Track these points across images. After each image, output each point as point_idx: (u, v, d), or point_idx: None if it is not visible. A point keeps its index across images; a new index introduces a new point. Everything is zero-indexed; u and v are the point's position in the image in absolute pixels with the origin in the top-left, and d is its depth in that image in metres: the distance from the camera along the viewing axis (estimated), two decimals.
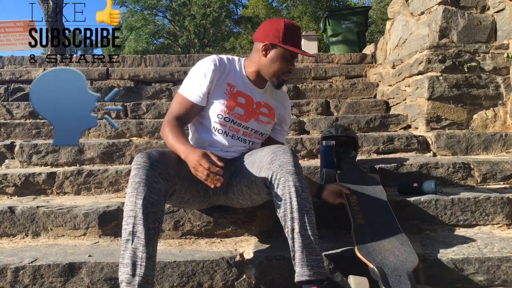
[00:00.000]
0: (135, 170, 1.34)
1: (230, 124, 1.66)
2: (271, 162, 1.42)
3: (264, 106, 1.73)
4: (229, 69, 1.68)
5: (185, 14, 23.43)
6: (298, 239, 1.35)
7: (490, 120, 2.85)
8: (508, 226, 1.88)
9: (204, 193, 1.62)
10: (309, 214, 1.38)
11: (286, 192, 1.37)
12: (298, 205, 1.36)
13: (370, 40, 12.17)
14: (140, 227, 1.27)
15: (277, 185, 1.39)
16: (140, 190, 1.30)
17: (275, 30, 1.60)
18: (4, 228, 1.82)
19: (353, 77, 4.56)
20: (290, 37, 1.60)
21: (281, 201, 1.38)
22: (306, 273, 1.32)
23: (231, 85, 1.67)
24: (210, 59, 1.66)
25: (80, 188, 2.22)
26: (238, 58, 1.75)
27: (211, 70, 1.63)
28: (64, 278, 1.50)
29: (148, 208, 1.29)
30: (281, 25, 1.60)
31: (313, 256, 1.35)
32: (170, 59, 4.84)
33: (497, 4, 2.88)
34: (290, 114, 1.91)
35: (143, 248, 1.25)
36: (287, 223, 1.37)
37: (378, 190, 1.85)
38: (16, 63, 4.81)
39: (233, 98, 1.66)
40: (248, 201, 1.62)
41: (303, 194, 1.38)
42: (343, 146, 2.24)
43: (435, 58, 2.84)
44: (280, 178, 1.39)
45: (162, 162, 1.38)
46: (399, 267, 1.37)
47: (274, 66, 1.64)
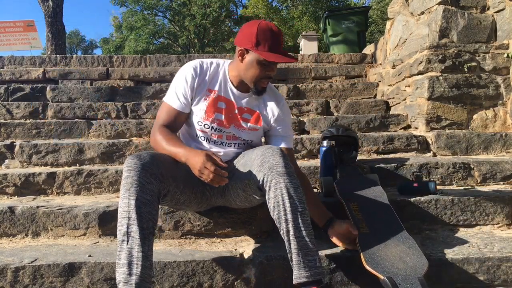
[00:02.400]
0: (127, 172, 1.34)
1: (212, 131, 1.64)
2: (261, 165, 1.42)
3: (247, 111, 1.67)
4: (211, 73, 1.64)
5: (185, 14, 23.43)
6: (293, 240, 1.34)
7: (490, 120, 2.85)
8: (508, 226, 1.88)
9: (202, 194, 1.62)
10: (303, 215, 1.37)
11: (278, 194, 1.37)
12: (291, 206, 1.35)
13: (370, 40, 12.19)
14: (135, 227, 1.27)
15: (269, 187, 1.39)
16: (132, 191, 1.30)
17: (249, 34, 1.52)
18: (4, 228, 1.82)
19: (353, 77, 4.56)
20: (264, 41, 1.50)
21: (274, 203, 1.38)
22: (304, 274, 1.32)
23: (211, 90, 1.64)
24: (191, 65, 1.64)
25: (80, 188, 2.22)
26: (224, 61, 1.69)
27: (191, 75, 1.61)
28: (64, 278, 1.50)
29: (142, 208, 1.29)
30: (254, 29, 1.51)
31: (309, 257, 1.34)
32: (170, 59, 4.85)
33: (497, 4, 2.88)
34: (289, 115, 1.77)
35: (138, 247, 1.25)
36: (282, 225, 1.37)
37: (378, 193, 1.84)
38: (16, 63, 4.80)
39: (213, 104, 1.62)
40: (246, 203, 1.63)
41: (295, 195, 1.37)
42: (344, 146, 2.24)
43: (435, 58, 2.84)
44: (272, 180, 1.38)
45: (154, 163, 1.38)
46: (410, 273, 1.35)
47: (250, 72, 1.56)
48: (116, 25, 29.74)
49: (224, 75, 1.66)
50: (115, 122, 3.04)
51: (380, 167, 2.28)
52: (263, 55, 1.51)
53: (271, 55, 1.51)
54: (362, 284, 1.51)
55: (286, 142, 1.72)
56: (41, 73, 4.41)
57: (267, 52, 1.51)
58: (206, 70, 1.64)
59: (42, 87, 3.74)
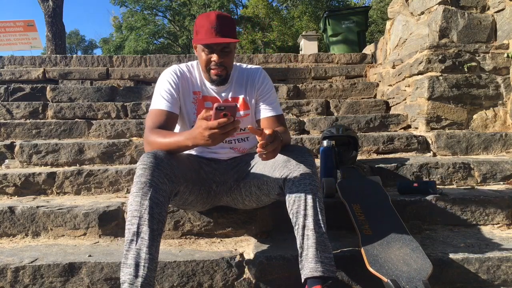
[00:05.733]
0: (141, 170, 1.33)
1: None
2: (288, 161, 1.44)
3: (232, 100, 1.69)
4: (190, 77, 1.67)
5: (185, 14, 23.41)
6: (312, 235, 1.35)
7: (490, 120, 2.85)
8: (508, 226, 1.88)
9: (207, 194, 1.62)
10: (322, 214, 1.39)
11: (302, 190, 1.38)
12: (313, 203, 1.37)
13: (370, 40, 12.17)
14: (145, 227, 1.27)
15: (293, 183, 1.40)
16: (145, 191, 1.30)
17: (195, 26, 1.57)
18: (4, 228, 1.82)
19: (353, 77, 4.56)
20: (201, 28, 1.52)
21: (295, 198, 1.39)
22: (320, 269, 1.32)
23: (196, 93, 1.67)
24: (172, 70, 1.65)
25: (80, 188, 2.22)
26: (196, 62, 1.71)
27: (175, 77, 1.62)
28: (64, 278, 1.50)
29: (154, 209, 1.29)
30: (196, 20, 1.58)
31: (327, 253, 1.36)
32: (170, 59, 4.85)
33: (497, 4, 2.88)
34: (269, 83, 1.73)
35: (146, 249, 1.25)
36: (299, 220, 1.38)
37: (381, 195, 1.83)
38: (16, 63, 4.81)
39: (201, 105, 1.65)
40: (254, 203, 1.63)
41: (318, 193, 1.40)
42: (344, 146, 2.24)
43: (435, 58, 2.84)
44: (297, 177, 1.40)
45: (168, 163, 1.38)
46: (414, 276, 1.34)
47: (200, 62, 1.61)
48: (116, 25, 29.72)
49: (200, 75, 1.68)
50: (115, 122, 3.04)
51: (380, 167, 2.28)
52: (198, 42, 1.53)
53: (204, 39, 1.51)
54: (362, 285, 1.51)
55: (275, 110, 1.70)
56: (41, 73, 4.41)
57: (202, 38, 1.52)
58: (185, 74, 1.66)
59: (42, 87, 3.74)
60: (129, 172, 2.21)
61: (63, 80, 4.44)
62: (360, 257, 1.46)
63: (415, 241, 1.52)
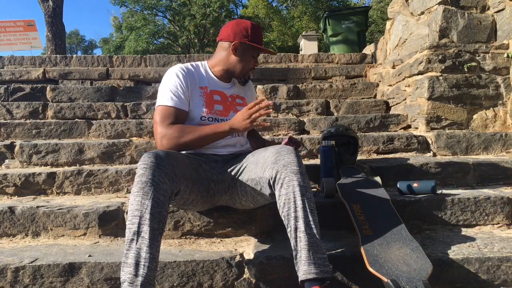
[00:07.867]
0: (142, 169, 1.34)
1: (214, 123, 1.70)
2: (275, 162, 1.44)
3: (237, 97, 1.84)
4: (197, 74, 1.76)
5: (185, 14, 23.40)
6: (304, 237, 1.34)
7: (490, 120, 2.85)
8: (508, 226, 1.88)
9: (206, 193, 1.62)
10: (313, 214, 1.38)
11: (290, 192, 1.38)
12: (302, 204, 1.36)
13: (370, 40, 12.18)
14: (146, 227, 1.27)
15: (281, 184, 1.40)
16: (146, 190, 1.30)
17: (244, 30, 1.73)
18: (4, 228, 1.82)
19: (353, 77, 4.56)
20: (256, 36, 1.74)
21: (285, 200, 1.39)
22: (314, 271, 1.32)
23: (203, 87, 1.75)
24: (178, 68, 1.73)
25: (80, 188, 2.22)
26: (201, 63, 1.83)
27: (182, 75, 1.70)
28: (64, 278, 1.50)
29: (155, 208, 1.30)
30: (248, 25, 1.75)
31: (319, 254, 1.35)
32: (170, 59, 4.85)
33: (497, 4, 2.88)
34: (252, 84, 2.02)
35: (147, 248, 1.25)
36: (291, 222, 1.37)
37: (381, 195, 1.83)
38: (16, 63, 4.81)
39: (210, 98, 1.74)
40: (251, 203, 1.64)
41: (307, 193, 1.39)
42: (344, 146, 2.24)
43: (435, 58, 2.84)
44: (285, 178, 1.40)
45: (169, 162, 1.39)
46: (414, 276, 1.33)
47: (242, 64, 1.77)
48: (116, 25, 29.72)
49: (207, 72, 1.80)
50: (115, 122, 3.04)
51: (380, 167, 2.28)
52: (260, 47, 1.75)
53: (264, 48, 1.78)
54: (362, 285, 1.51)
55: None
56: (41, 73, 4.41)
57: (260, 43, 1.75)
58: (191, 70, 1.76)
59: (42, 87, 3.75)
60: (129, 172, 2.21)
61: (63, 80, 4.45)
62: (360, 257, 1.46)
63: (415, 241, 1.52)
